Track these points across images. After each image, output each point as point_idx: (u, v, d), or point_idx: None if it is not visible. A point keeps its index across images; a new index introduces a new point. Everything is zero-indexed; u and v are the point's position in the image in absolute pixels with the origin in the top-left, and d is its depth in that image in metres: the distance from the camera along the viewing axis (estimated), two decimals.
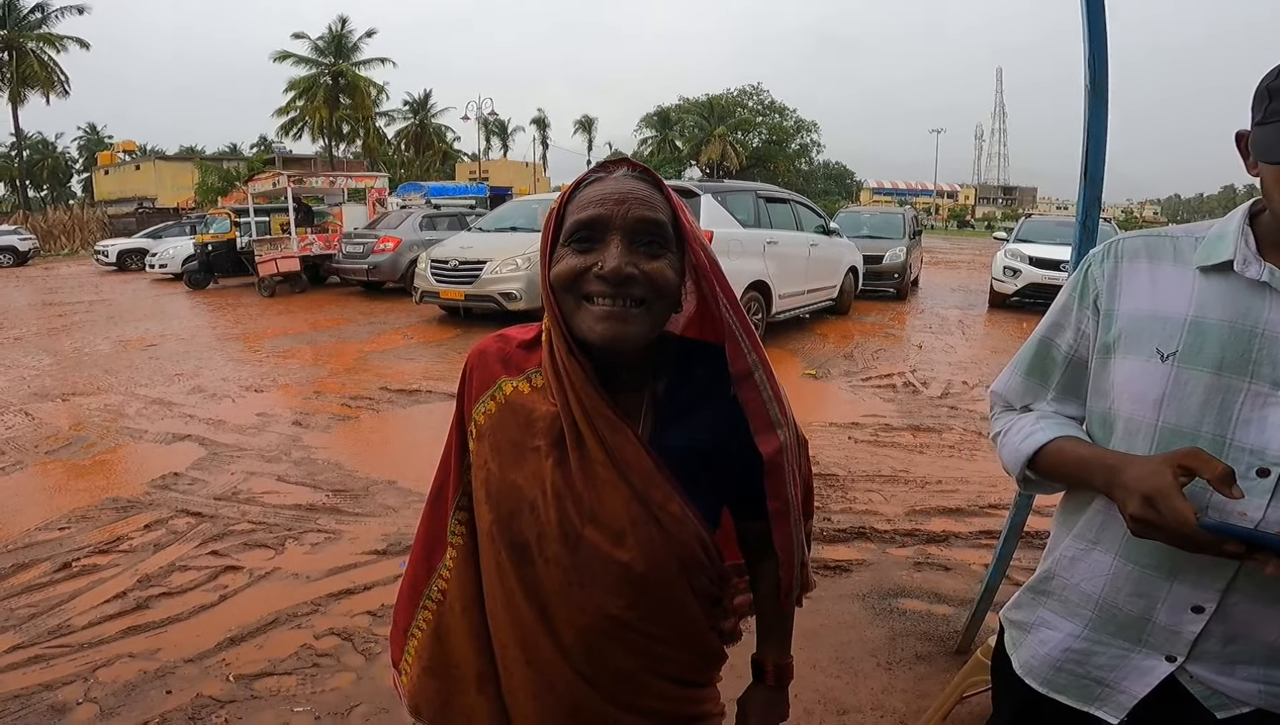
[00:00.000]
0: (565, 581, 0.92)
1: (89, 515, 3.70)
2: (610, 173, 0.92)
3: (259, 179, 15.65)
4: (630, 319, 0.86)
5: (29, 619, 2.74)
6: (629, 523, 0.90)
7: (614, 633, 0.93)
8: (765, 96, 53.44)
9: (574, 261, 0.87)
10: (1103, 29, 1.91)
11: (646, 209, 0.88)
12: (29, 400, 6.02)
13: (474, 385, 1.02)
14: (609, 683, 0.95)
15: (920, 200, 75.04)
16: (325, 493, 4.01)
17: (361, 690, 2.36)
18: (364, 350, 8.11)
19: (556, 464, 0.92)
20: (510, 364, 1.00)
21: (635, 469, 0.90)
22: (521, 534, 0.94)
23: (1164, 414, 0.91)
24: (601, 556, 0.91)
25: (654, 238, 0.88)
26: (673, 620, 0.95)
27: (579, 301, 0.87)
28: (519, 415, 0.96)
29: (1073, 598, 1.02)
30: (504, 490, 0.95)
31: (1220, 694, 0.92)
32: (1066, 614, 1.03)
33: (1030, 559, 3.26)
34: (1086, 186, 2.02)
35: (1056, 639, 1.03)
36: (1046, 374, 1.09)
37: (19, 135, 38.84)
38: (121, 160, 52.01)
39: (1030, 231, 12.21)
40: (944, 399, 6.09)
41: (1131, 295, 0.97)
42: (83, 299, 13.46)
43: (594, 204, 0.87)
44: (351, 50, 40.56)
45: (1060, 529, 1.08)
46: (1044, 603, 1.07)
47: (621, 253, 0.85)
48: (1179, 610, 0.92)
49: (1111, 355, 0.97)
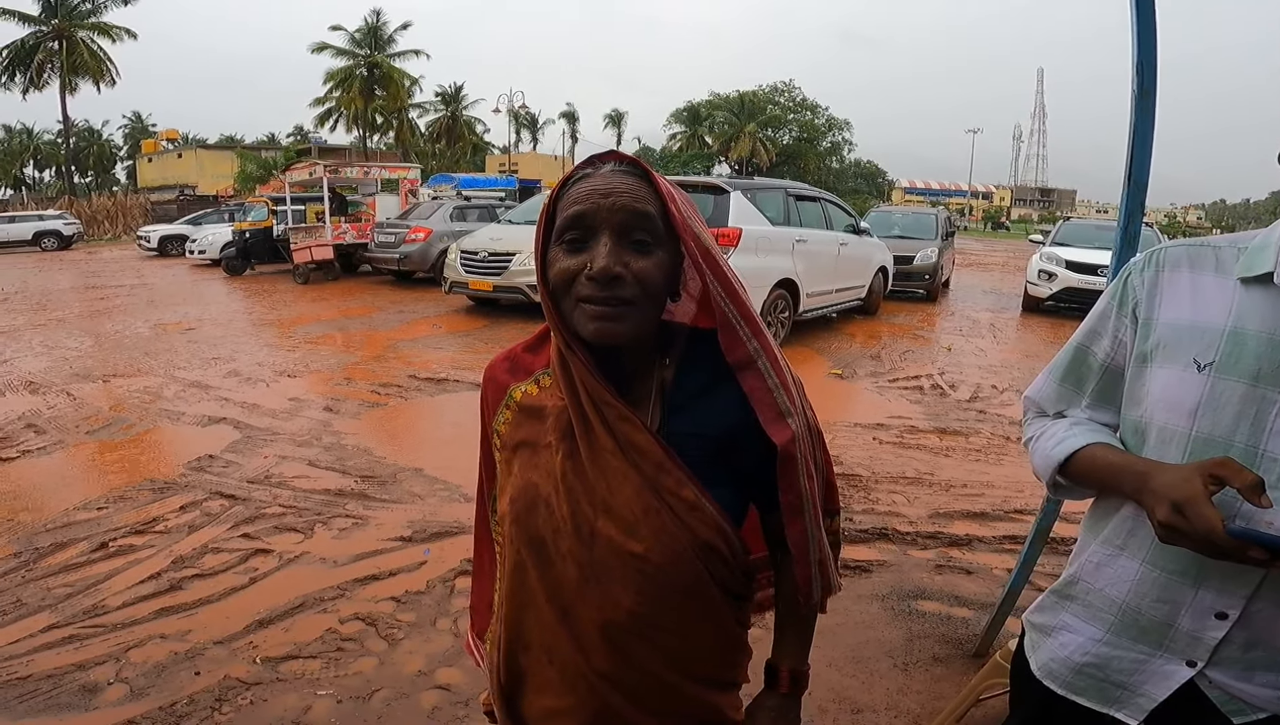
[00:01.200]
0: (582, 578, 0.92)
1: (126, 495, 3.82)
2: (598, 168, 0.91)
3: (296, 168, 15.94)
4: (620, 318, 0.87)
5: (65, 599, 2.83)
6: (641, 512, 0.90)
7: (635, 629, 0.91)
8: (797, 93, 52.99)
9: (566, 263, 0.88)
10: (1153, 32, 1.85)
11: (633, 202, 0.87)
12: (71, 381, 6.21)
13: (490, 403, 1.05)
14: (634, 685, 0.93)
15: (954, 201, 73.87)
16: (354, 478, 4.09)
17: (383, 675, 2.41)
18: (393, 338, 8.22)
19: (567, 457, 0.93)
20: (518, 370, 1.03)
21: (646, 456, 0.90)
22: (538, 531, 0.94)
23: (1198, 423, 0.91)
24: (615, 549, 0.90)
25: (643, 232, 0.88)
26: (696, 615, 0.94)
27: (575, 302, 0.89)
28: (531, 416, 0.98)
29: (1096, 602, 1.03)
30: (521, 489, 0.97)
31: (1237, 699, 0.92)
32: (1089, 618, 1.04)
33: (1054, 565, 3.22)
34: (1130, 191, 1.96)
35: (1077, 643, 1.04)
36: (1081, 381, 1.10)
37: (66, 123, 39.85)
38: (164, 148, 53.21)
39: (1068, 235, 11.97)
40: (972, 402, 6.02)
41: (1171, 304, 0.97)
42: (124, 283, 13.82)
43: (581, 200, 0.88)
44: (386, 42, 41.04)
45: (1088, 534, 1.08)
46: (1067, 606, 1.08)
47: (610, 252, 0.86)
48: (1203, 616, 0.92)
49: (1148, 364, 0.98)
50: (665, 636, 0.93)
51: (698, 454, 0.93)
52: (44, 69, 35.96)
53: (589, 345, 0.90)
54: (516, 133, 52.34)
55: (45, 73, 36.06)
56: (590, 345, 0.90)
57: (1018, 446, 4.92)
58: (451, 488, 3.96)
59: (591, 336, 0.88)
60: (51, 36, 35.47)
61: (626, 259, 0.87)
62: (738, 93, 51.80)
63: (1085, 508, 1.13)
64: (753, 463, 0.95)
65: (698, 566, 0.91)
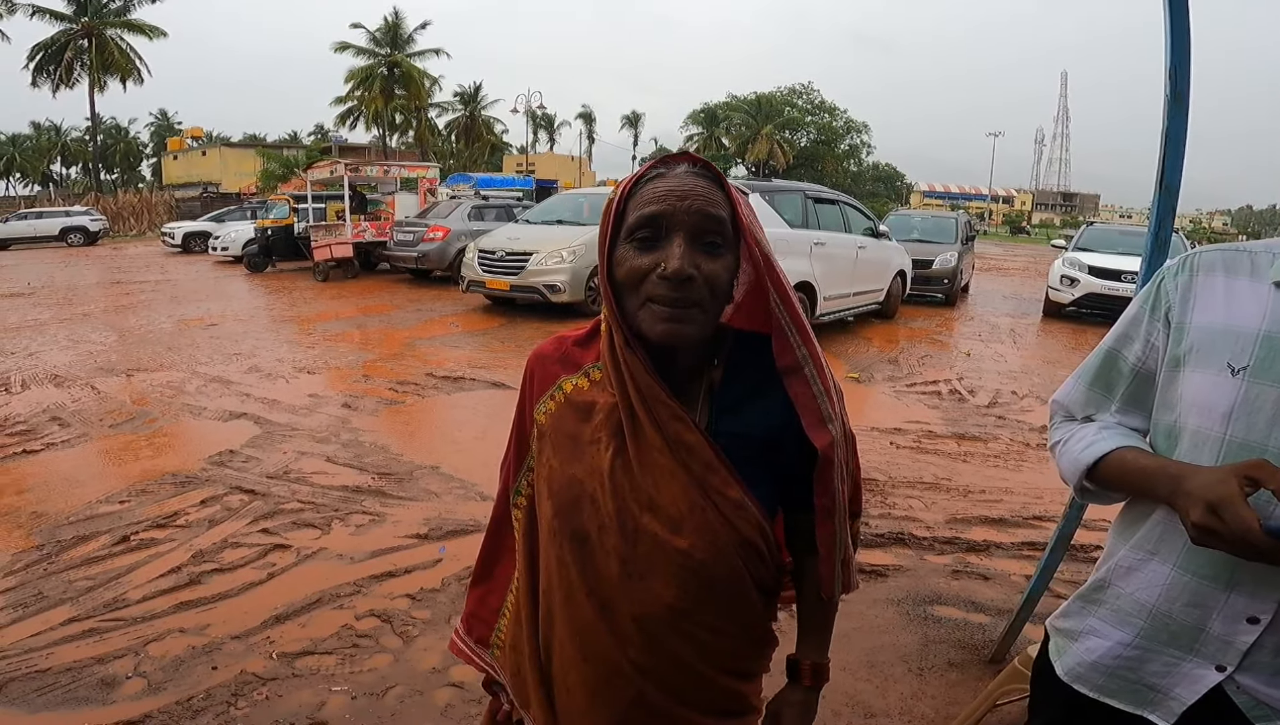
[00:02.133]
0: (624, 573, 0.93)
1: (148, 489, 3.86)
2: (671, 168, 0.92)
3: (318, 167, 16.11)
4: (688, 319, 0.88)
5: (86, 592, 2.86)
6: (686, 509, 0.91)
7: (673, 623, 0.94)
8: (815, 95, 52.76)
9: (637, 261, 0.89)
10: (1186, 36, 1.83)
11: (708, 206, 0.89)
12: (95, 375, 6.30)
13: (535, 386, 1.06)
14: (667, 675, 0.96)
15: (973, 205, 73.13)
16: (371, 475, 4.12)
17: (398, 672, 2.42)
18: (411, 336, 8.28)
19: (616, 454, 0.94)
20: (569, 362, 1.03)
21: (695, 455, 0.92)
22: (583, 527, 0.96)
23: (1232, 428, 0.91)
24: (660, 545, 0.92)
25: (715, 235, 0.89)
26: (732, 610, 0.96)
27: (642, 301, 0.89)
28: (579, 410, 0.99)
29: (1126, 606, 1.03)
30: (564, 484, 0.98)
31: (1265, 705, 0.92)
32: (1118, 623, 1.04)
33: (1074, 572, 3.19)
34: (1161, 196, 1.94)
35: (1106, 647, 1.04)
36: (1111, 385, 1.09)
37: (94, 120, 40.54)
38: (189, 146, 53.94)
39: (1091, 240, 11.80)
40: (991, 408, 5.96)
41: (1205, 308, 0.97)
42: (148, 279, 14.01)
43: (656, 200, 0.88)
44: (406, 41, 41.30)
45: (1117, 539, 1.08)
46: (1094, 611, 1.08)
47: (684, 253, 0.87)
48: (1234, 621, 0.92)
49: (1181, 368, 0.98)
50: (701, 630, 0.95)
51: (742, 454, 0.94)
52: (73, 67, 36.55)
53: (646, 344, 0.91)
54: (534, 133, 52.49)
55: (75, 71, 36.66)
56: (648, 344, 0.91)
57: (1037, 453, 4.86)
58: (468, 486, 3.98)
59: (659, 337, 0.88)
60: (81, 35, 36.04)
61: (698, 261, 0.88)
62: (755, 95, 51.66)
63: (1110, 514, 1.12)
64: (792, 464, 0.97)
65: (737, 563, 0.94)
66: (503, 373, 6.54)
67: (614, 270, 0.91)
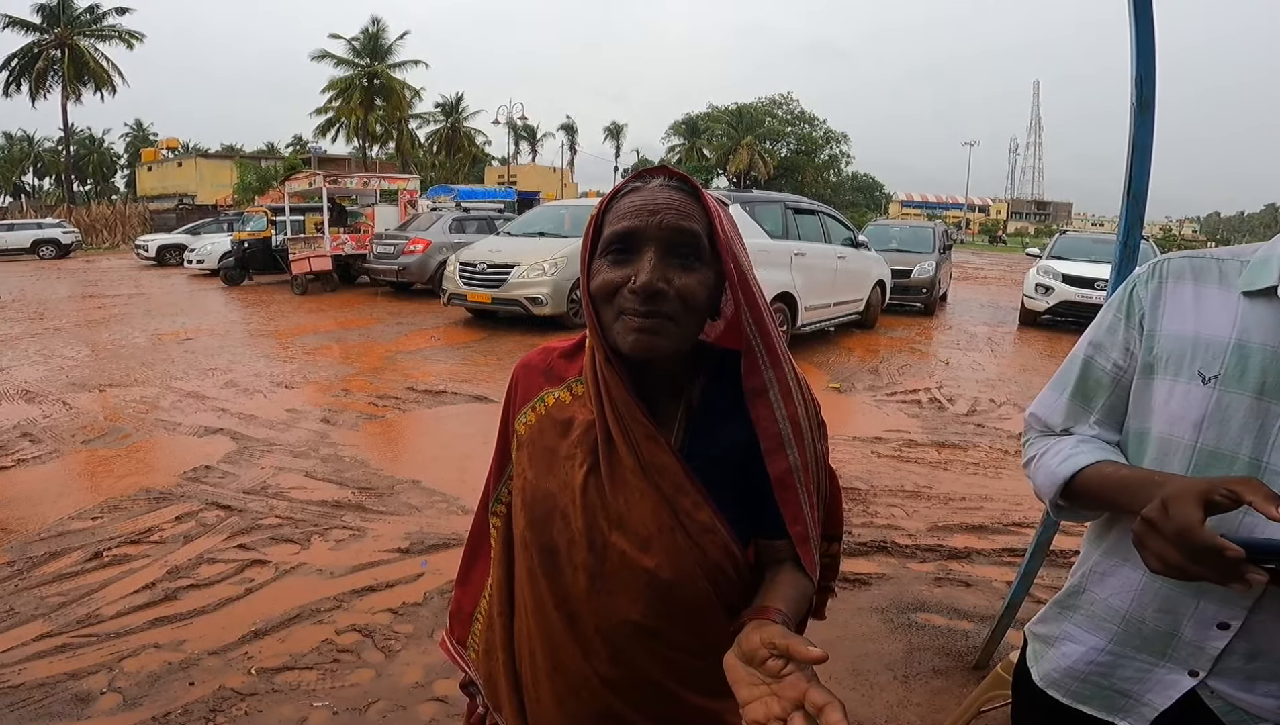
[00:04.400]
0: (591, 588, 0.93)
1: (122, 505, 3.79)
2: (647, 182, 0.92)
3: (296, 178, 15.98)
4: (660, 331, 0.87)
5: (59, 608, 2.81)
6: (655, 529, 0.91)
7: (639, 639, 0.93)
8: (795, 106, 53.35)
9: (610, 275, 0.88)
10: (1151, 45, 1.86)
11: (680, 219, 0.88)
12: (67, 390, 6.19)
13: (518, 397, 1.06)
14: (634, 690, 0.96)
15: (950, 214, 74.13)
16: (351, 490, 4.07)
17: (380, 687, 2.39)
18: (391, 350, 8.22)
19: (590, 471, 0.94)
20: (552, 375, 1.03)
21: (666, 477, 0.91)
22: (552, 540, 0.96)
23: (1203, 436, 0.91)
24: (627, 563, 0.91)
25: (688, 249, 0.88)
26: (699, 630, 0.95)
27: (615, 314, 0.89)
28: (557, 424, 0.99)
29: (1099, 612, 1.03)
30: (538, 497, 0.97)
31: (1239, 709, 0.93)
32: (1092, 628, 1.04)
33: (1054, 577, 3.22)
34: (1129, 204, 1.96)
35: (1080, 652, 1.04)
36: (1089, 397, 1.07)
37: (67, 130, 39.97)
38: (164, 157, 53.29)
39: (1065, 248, 12.01)
40: (970, 416, 6.02)
41: (1174, 316, 0.97)
42: (121, 292, 13.80)
43: (629, 215, 0.88)
44: (386, 52, 41.22)
45: (1090, 545, 1.09)
46: (1069, 617, 1.08)
47: (654, 267, 0.86)
48: (1205, 626, 0.92)
49: (1152, 376, 0.98)
50: (668, 649, 0.95)
51: (715, 476, 0.93)
52: (45, 77, 36.11)
53: (625, 360, 0.91)
54: (516, 144, 52.62)
55: (48, 80, 36.21)
56: (626, 361, 0.91)
57: (1015, 460, 4.91)
58: (450, 499, 3.95)
59: (630, 349, 0.87)
60: (54, 45, 35.62)
61: (670, 275, 0.87)
62: (736, 105, 52.14)
63: None
64: (760, 487, 0.95)
65: (704, 585, 0.93)
66: (485, 386, 6.51)
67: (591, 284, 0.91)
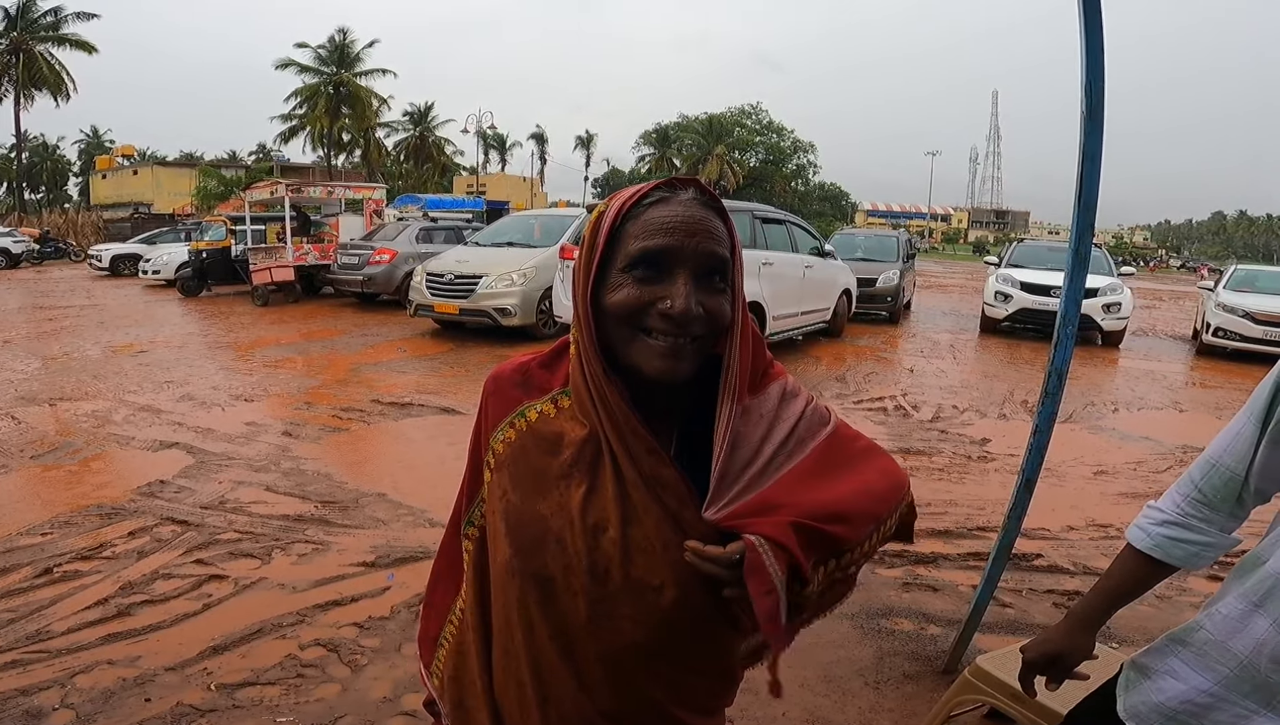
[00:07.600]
0: (592, 614, 0.88)
1: (73, 521, 3.67)
2: (676, 194, 0.86)
3: (257, 187, 15.70)
4: (686, 355, 0.84)
5: (7, 624, 2.71)
6: (660, 546, 0.87)
7: (642, 662, 0.89)
8: (764, 116, 54.00)
9: (636, 293, 0.83)
10: (1100, 54, 1.90)
11: (716, 244, 0.84)
12: (15, 404, 5.98)
13: (492, 411, 0.99)
14: (635, 717, 0.91)
15: (914, 223, 75.47)
16: (314, 503, 3.99)
17: (346, 702, 2.34)
18: (356, 362, 8.09)
19: (589, 491, 0.89)
20: (531, 386, 0.97)
21: (669, 490, 0.87)
22: (545, 568, 0.89)
23: None
24: (632, 583, 0.87)
25: (718, 275, 0.85)
26: (703, 647, 0.92)
27: (635, 333, 0.84)
28: (544, 441, 0.92)
29: (1214, 653, 1.02)
30: (526, 522, 0.91)
31: None
32: (1201, 667, 1.03)
33: (1018, 580, 3.27)
34: (1080, 212, 2.00)
35: (1179, 690, 1.03)
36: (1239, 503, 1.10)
37: (19, 138, 38.84)
38: (120, 165, 52.05)
39: (1022, 256, 12.28)
40: (934, 422, 6.12)
41: None
42: (74, 303, 13.39)
43: (663, 232, 0.83)
44: (354, 60, 40.83)
45: (1230, 582, 1.07)
46: (1178, 652, 1.06)
47: (690, 292, 0.82)
48: None
49: None
50: (670, 668, 0.91)
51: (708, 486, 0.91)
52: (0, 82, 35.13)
53: (624, 374, 0.87)
54: (485, 153, 52.40)
55: (1, 85, 35.20)
56: (626, 375, 0.87)
57: (978, 465, 5.00)
58: (416, 512, 3.89)
59: (656, 372, 0.83)
60: (10, 50, 34.66)
61: (702, 299, 0.84)
62: (706, 115, 52.60)
63: (1044, 525, 1.14)
64: None
65: (710, 598, 0.89)
66: (452, 398, 6.44)
67: (601, 296, 0.86)
